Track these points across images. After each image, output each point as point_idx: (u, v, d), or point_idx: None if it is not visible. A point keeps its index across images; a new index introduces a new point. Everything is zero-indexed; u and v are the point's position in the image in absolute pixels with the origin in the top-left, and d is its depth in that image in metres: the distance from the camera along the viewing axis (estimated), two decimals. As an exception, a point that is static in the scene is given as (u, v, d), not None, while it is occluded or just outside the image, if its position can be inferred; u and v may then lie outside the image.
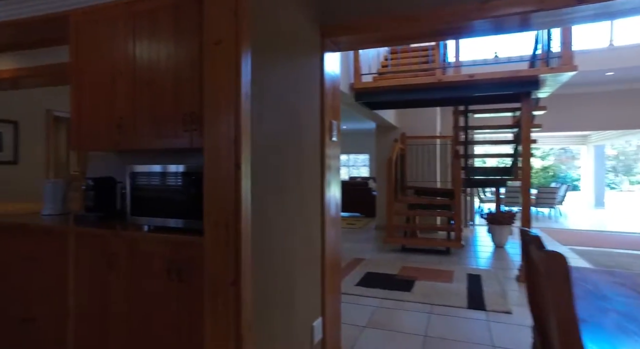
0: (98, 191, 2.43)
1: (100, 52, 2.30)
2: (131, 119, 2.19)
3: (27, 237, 2.28)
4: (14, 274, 2.32)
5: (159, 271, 1.88)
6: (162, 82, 2.11)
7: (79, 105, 2.37)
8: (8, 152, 4.74)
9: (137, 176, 2.05)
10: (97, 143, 2.32)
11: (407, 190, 7.30)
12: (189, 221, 1.90)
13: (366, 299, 3.56)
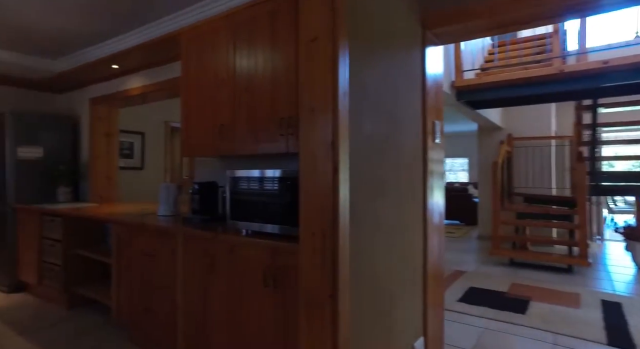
0: (202, 194, 2.57)
1: (204, 64, 2.44)
2: (231, 126, 2.27)
3: (145, 235, 2.50)
4: (138, 268, 2.57)
5: (256, 276, 1.88)
6: (260, 87, 2.13)
7: (188, 115, 2.54)
8: (137, 159, 5.44)
9: (236, 180, 2.09)
10: (202, 149, 2.46)
11: (515, 197, 6.52)
12: (285, 227, 1.87)
13: (471, 318, 3.20)
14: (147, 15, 3.15)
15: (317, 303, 1.36)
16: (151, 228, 2.44)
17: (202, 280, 2.15)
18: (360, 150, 1.51)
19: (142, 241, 2.53)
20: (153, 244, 2.45)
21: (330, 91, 1.33)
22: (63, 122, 4.10)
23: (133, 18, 3.20)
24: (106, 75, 3.80)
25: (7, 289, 3.70)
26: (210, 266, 2.09)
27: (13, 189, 3.71)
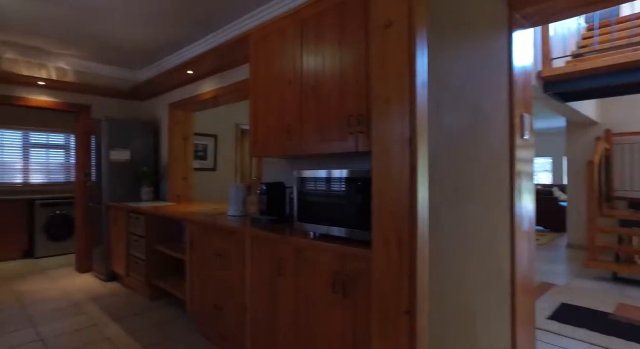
0: (270, 195, 2.55)
1: (271, 64, 2.42)
2: (298, 125, 2.21)
3: (216, 234, 2.56)
4: (209, 266, 2.63)
5: (324, 281, 1.79)
6: (327, 85, 2.05)
7: (256, 115, 2.55)
8: (210, 160, 5.72)
9: (303, 181, 2.03)
10: (269, 150, 2.44)
11: (616, 201, 5.69)
12: (354, 231, 1.75)
13: (567, 341, 2.79)
14: (218, 21, 3.26)
15: (392, 319, 1.22)
16: (221, 228, 2.48)
17: (269, 282, 2.11)
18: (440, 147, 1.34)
19: (212, 240, 2.58)
20: (223, 244, 2.49)
21: (407, 80, 1.19)
22: (147, 127, 4.42)
23: (205, 25, 3.33)
24: (182, 81, 4.02)
25: (104, 277, 4.08)
26: (277, 268, 2.05)
27: (107, 188, 4.08)
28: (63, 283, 4.05)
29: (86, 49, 3.97)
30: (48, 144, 6.02)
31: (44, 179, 5.97)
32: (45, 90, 4.28)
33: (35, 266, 4.80)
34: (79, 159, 4.55)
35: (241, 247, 2.32)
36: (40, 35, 3.59)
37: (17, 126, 5.70)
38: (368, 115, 1.84)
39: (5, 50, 3.88)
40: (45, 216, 5.30)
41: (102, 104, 4.67)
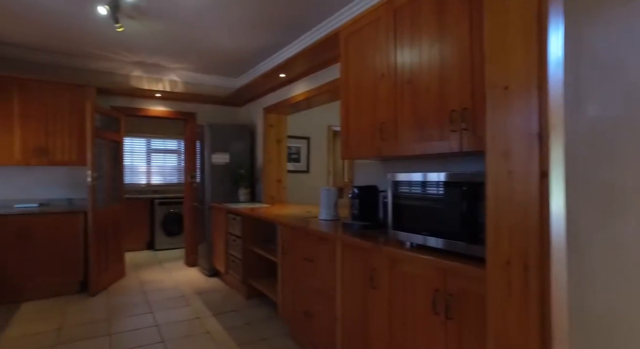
0: (362, 199, 2.41)
1: (363, 60, 2.27)
2: (392, 123, 2.02)
3: (306, 239, 2.50)
4: (299, 270, 2.60)
5: (422, 299, 1.58)
6: (424, 78, 1.82)
7: (347, 115, 2.43)
8: (303, 163, 5.81)
9: (398, 185, 1.83)
10: (361, 151, 2.30)
11: None
12: (457, 243, 1.51)
13: None
14: (309, 22, 3.23)
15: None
16: (311, 233, 2.41)
17: (361, 293, 1.97)
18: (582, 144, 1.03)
19: (303, 244, 2.53)
20: (313, 249, 2.42)
21: (536, 59, 0.93)
22: (244, 131, 4.65)
23: (297, 27, 3.33)
24: (275, 85, 4.11)
25: (208, 273, 4.39)
26: (369, 278, 1.89)
27: (209, 190, 4.38)
28: (175, 275, 4.46)
29: (193, 61, 4.31)
30: (165, 149, 6.77)
31: (162, 180, 6.73)
32: (161, 101, 4.78)
33: (154, 258, 5.41)
34: (186, 162, 4.99)
35: (332, 254, 2.22)
36: (158, 53, 4.00)
37: (142, 134, 6.52)
38: (475, 109, 1.57)
39: (133, 69, 4.42)
40: (162, 214, 5.95)
41: (206, 111, 5.05)
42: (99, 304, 3.43)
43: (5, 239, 3.41)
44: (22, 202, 3.96)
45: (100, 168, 3.89)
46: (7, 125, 3.62)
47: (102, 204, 3.89)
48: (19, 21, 3.17)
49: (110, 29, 3.27)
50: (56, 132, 3.82)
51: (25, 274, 3.49)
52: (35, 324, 2.96)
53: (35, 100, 3.73)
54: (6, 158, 3.62)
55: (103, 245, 3.86)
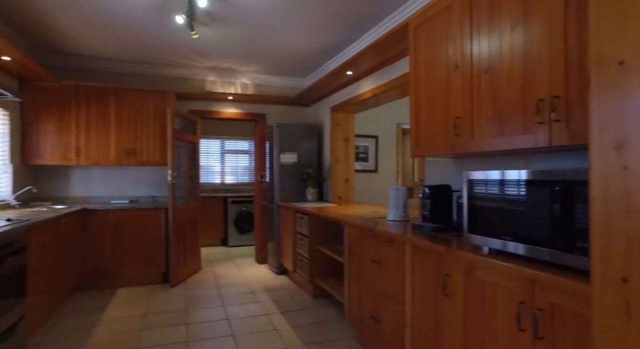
0: (434, 199, 2.25)
1: (433, 51, 2.12)
2: (468, 117, 1.85)
3: (373, 240, 2.41)
4: (366, 272, 2.51)
5: (505, 312, 1.41)
6: (506, 64, 1.63)
7: (417, 110, 2.29)
8: (372, 162, 5.69)
9: (474, 184, 1.66)
10: (433, 148, 2.14)
11: None
12: (545, 250, 1.31)
13: None
14: (376, 16, 3.12)
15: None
16: (379, 234, 2.31)
17: (433, 300, 1.83)
18: None
19: (370, 245, 2.44)
20: (381, 251, 2.31)
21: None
22: (311, 131, 4.67)
23: (363, 23, 3.25)
24: (342, 83, 4.06)
25: (276, 270, 4.49)
26: (442, 285, 1.74)
27: (278, 189, 4.48)
28: (245, 271, 4.63)
29: (262, 63, 4.44)
30: (237, 150, 7.10)
31: (234, 180, 7.08)
32: (233, 103, 5.00)
33: (227, 254, 5.69)
34: (257, 162, 5.17)
35: (401, 257, 2.10)
36: (230, 57, 4.19)
37: (216, 135, 6.92)
38: (568, 96, 1.36)
39: (208, 74, 4.70)
40: (234, 212, 6.24)
41: (275, 111, 5.18)
42: (178, 295, 3.67)
43: (103, 232, 3.81)
44: (116, 198, 4.41)
45: (179, 168, 4.18)
46: (106, 130, 4.05)
47: (180, 202, 4.17)
48: (111, 38, 3.52)
49: (186, 36, 3.49)
50: (143, 135, 4.19)
51: (120, 264, 3.86)
52: (126, 309, 3.26)
53: (126, 106, 4.13)
54: (104, 159, 4.05)
55: (181, 240, 4.14)
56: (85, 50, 3.95)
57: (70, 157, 3.95)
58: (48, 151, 3.89)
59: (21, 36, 3.58)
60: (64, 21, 3.23)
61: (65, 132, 3.93)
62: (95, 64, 4.27)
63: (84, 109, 3.99)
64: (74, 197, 4.28)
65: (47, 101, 3.89)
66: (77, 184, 4.30)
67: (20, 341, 2.38)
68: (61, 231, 3.15)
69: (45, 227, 2.78)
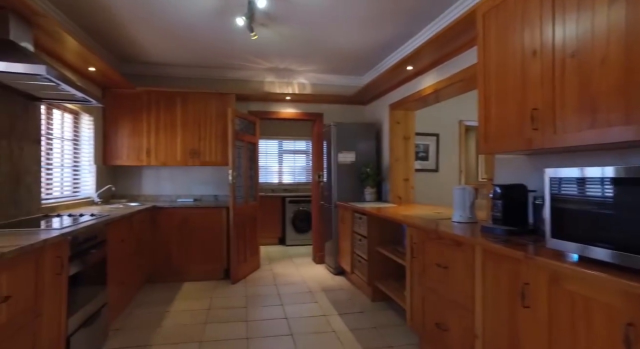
0: (506, 200, 2.05)
1: (506, 38, 1.93)
2: (548, 109, 1.65)
3: (438, 243, 2.26)
4: (431, 276, 2.37)
5: (606, 334, 1.22)
6: (599, 48, 1.43)
7: (486, 104, 2.11)
8: (432, 161, 5.45)
9: (562, 183, 1.47)
10: (504, 144, 1.96)
11: None
12: (658, 261, 1.11)
13: None
14: (437, 7, 2.96)
15: None
16: (444, 236, 2.16)
17: (509, 310, 1.66)
18: None
19: (435, 248, 2.30)
20: (446, 254, 2.16)
21: None
22: (369, 130, 4.57)
23: (423, 15, 3.09)
24: (401, 79, 3.91)
25: (334, 271, 4.46)
26: (519, 295, 1.57)
27: (335, 189, 4.44)
28: (303, 270, 4.65)
29: (320, 62, 4.43)
30: (295, 150, 7.19)
31: (292, 179, 7.17)
32: (290, 103, 5.06)
33: (285, 253, 5.77)
34: (314, 161, 5.17)
35: (469, 262, 1.94)
36: (288, 57, 4.23)
37: (274, 136, 7.07)
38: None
39: (267, 75, 4.80)
40: (292, 211, 6.31)
41: (332, 111, 5.15)
42: (238, 292, 3.77)
43: (171, 228, 4.04)
44: (182, 197, 4.66)
45: (239, 168, 4.30)
46: (172, 132, 4.30)
47: (240, 201, 4.29)
48: (177, 45, 3.72)
49: (245, 38, 3.57)
50: (205, 136, 4.38)
51: (185, 259, 4.07)
52: (191, 302, 3.41)
53: (191, 109, 4.34)
54: (172, 159, 4.29)
55: (241, 238, 4.25)
56: (155, 58, 4.22)
57: (142, 158, 4.24)
58: (124, 152, 4.21)
59: (104, 48, 3.91)
60: (136, 32, 3.46)
61: (138, 135, 4.23)
62: (164, 70, 4.55)
63: (154, 113, 4.26)
64: (145, 195, 4.59)
65: (123, 106, 4.21)
66: (148, 183, 4.60)
67: (104, 325, 2.58)
68: (135, 227, 3.38)
69: (121, 223, 2.99)
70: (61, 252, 1.99)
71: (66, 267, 2.04)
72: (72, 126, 3.71)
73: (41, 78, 2.13)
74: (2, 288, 1.50)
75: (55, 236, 1.90)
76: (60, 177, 3.47)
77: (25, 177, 2.65)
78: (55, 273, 1.93)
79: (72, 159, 3.70)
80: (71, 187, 3.66)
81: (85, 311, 2.30)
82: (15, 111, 2.54)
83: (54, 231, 2.04)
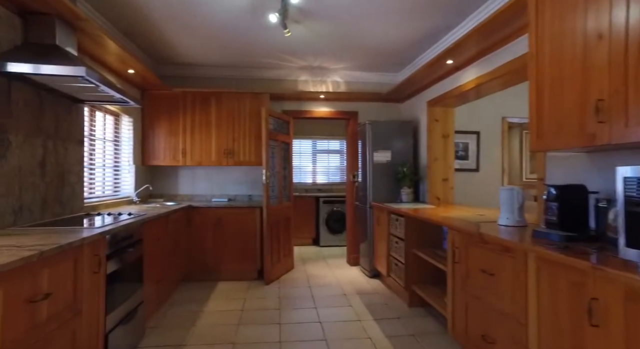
0: (563, 202, 1.86)
1: (563, 23, 1.74)
2: (618, 99, 1.46)
3: (483, 248, 2.09)
4: (475, 284, 2.21)
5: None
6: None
7: (538, 97, 1.92)
8: (472, 160, 5.18)
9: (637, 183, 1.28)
10: (561, 140, 1.76)
11: None
12: None
13: None
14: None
15: None
16: (491, 240, 2.00)
17: (572, 327, 1.48)
18: None
19: (480, 253, 2.13)
20: (493, 260, 1.99)
21: None
22: (406, 128, 4.40)
23: (464, 5, 2.91)
24: (440, 74, 3.72)
25: (369, 273, 4.33)
26: (586, 311, 1.39)
27: (371, 189, 4.31)
28: (337, 272, 4.56)
29: (354, 59, 4.32)
30: (329, 150, 7.11)
31: (325, 179, 7.09)
32: (324, 102, 4.97)
33: (319, 253, 5.70)
34: (348, 161, 5.06)
35: (521, 270, 1.77)
36: (321, 55, 4.16)
37: (308, 136, 7.02)
38: None
39: (300, 74, 4.75)
40: (326, 211, 6.23)
41: (367, 109, 5.01)
42: (272, 292, 3.74)
43: (205, 228, 4.07)
44: (217, 196, 4.70)
45: (273, 167, 4.27)
46: (207, 132, 4.34)
47: (274, 201, 4.25)
48: (211, 45, 3.73)
49: (279, 36, 3.52)
50: (239, 136, 4.39)
51: (219, 259, 4.09)
52: (225, 303, 3.41)
53: (225, 109, 4.37)
54: (206, 159, 4.34)
55: (275, 239, 4.22)
56: (189, 58, 4.28)
57: (178, 159, 4.30)
58: (161, 152, 4.30)
59: (142, 51, 4.01)
60: (171, 33, 3.50)
61: (174, 135, 4.30)
62: (198, 71, 4.61)
63: (189, 114, 4.32)
64: (181, 195, 4.67)
65: (160, 107, 4.30)
66: (184, 182, 4.68)
67: (140, 323, 2.61)
68: (171, 226, 3.42)
69: (157, 223, 3.03)
70: (99, 251, 2.01)
71: (104, 265, 2.06)
72: (113, 127, 3.82)
73: (82, 80, 2.17)
74: (43, 285, 1.51)
75: (93, 234, 1.91)
76: (102, 177, 3.58)
77: (69, 176, 2.74)
78: (93, 271, 1.95)
79: (113, 159, 3.81)
80: (112, 187, 3.77)
81: (123, 308, 2.33)
82: (60, 112, 2.62)
83: (93, 229, 2.06)
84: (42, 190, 2.41)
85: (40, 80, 2.19)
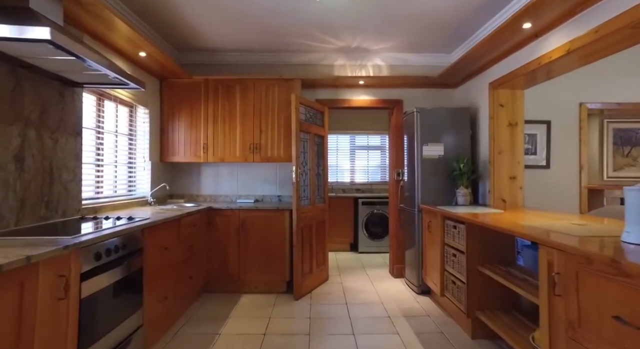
0: None
1: None
2: None
3: (613, 280, 1.39)
4: (593, 332, 1.50)
5: None
6: None
7: None
8: (540, 155, 4.34)
9: None
10: None
11: None
12: None
13: None
14: None
15: None
16: (634, 272, 1.29)
17: None
18: None
19: (607, 287, 1.43)
20: (636, 301, 1.29)
21: None
22: (461, 117, 3.67)
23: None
24: (511, 45, 2.98)
25: (416, 289, 3.65)
26: None
27: (419, 189, 3.63)
28: (378, 286, 3.91)
29: (399, 37, 3.66)
30: (368, 146, 6.46)
31: (365, 179, 6.44)
32: (364, 89, 4.34)
33: (357, 261, 5.06)
34: (391, 157, 4.39)
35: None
36: (360, 32, 3.54)
37: (345, 130, 6.40)
38: None
39: (336, 57, 4.15)
40: (365, 214, 5.59)
41: (413, 96, 4.33)
42: (302, 311, 3.16)
43: (227, 232, 3.58)
44: (243, 197, 4.21)
45: (304, 164, 3.70)
46: (231, 124, 3.86)
47: (306, 203, 3.69)
48: (234, 26, 3.22)
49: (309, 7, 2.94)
50: (267, 129, 3.87)
51: (243, 268, 3.58)
52: (247, 323, 2.88)
53: (251, 98, 3.86)
54: (230, 155, 3.85)
55: (307, 246, 3.65)
56: (211, 44, 3.81)
57: (199, 154, 3.85)
58: (181, 148, 3.87)
59: (162, 37, 3.59)
60: (191, 13, 3.03)
61: (195, 128, 3.86)
62: (221, 57, 4.14)
63: (211, 103, 3.86)
64: (204, 195, 4.22)
65: (180, 97, 3.87)
66: (207, 181, 4.23)
67: (133, 355, 2.12)
68: (184, 232, 2.95)
69: (163, 228, 2.55)
70: (67, 270, 1.53)
71: (75, 288, 1.58)
72: (128, 119, 3.42)
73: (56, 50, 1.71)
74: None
75: (57, 248, 1.43)
76: (112, 175, 3.18)
77: (61, 173, 2.32)
78: (56, 298, 1.46)
79: (127, 155, 3.41)
80: (126, 186, 3.37)
81: (110, 339, 1.85)
82: (46, 97, 2.20)
83: (66, 240, 1.59)
84: (18, 189, 1.98)
85: (8, 52, 1.76)
